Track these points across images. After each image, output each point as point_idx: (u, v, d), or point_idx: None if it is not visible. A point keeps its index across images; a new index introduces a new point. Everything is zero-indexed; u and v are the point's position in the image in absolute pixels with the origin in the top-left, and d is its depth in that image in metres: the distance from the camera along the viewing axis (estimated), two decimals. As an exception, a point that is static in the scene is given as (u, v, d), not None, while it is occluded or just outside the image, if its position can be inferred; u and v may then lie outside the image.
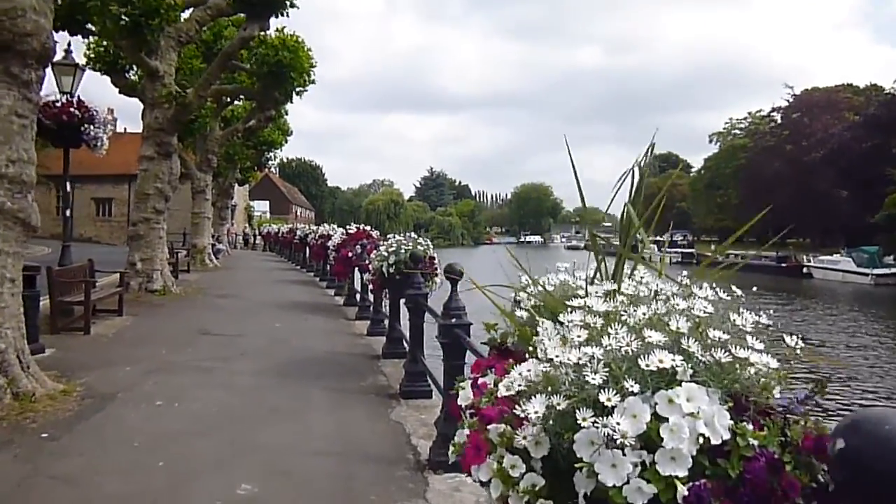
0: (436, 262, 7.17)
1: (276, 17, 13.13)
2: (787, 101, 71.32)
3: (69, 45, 10.57)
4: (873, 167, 53.45)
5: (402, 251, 6.83)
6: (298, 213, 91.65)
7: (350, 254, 12.01)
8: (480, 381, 1.88)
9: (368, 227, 12.64)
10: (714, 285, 1.59)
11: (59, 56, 10.64)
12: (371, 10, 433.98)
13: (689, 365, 1.27)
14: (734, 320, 1.39)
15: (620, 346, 1.31)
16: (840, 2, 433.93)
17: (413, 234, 7.37)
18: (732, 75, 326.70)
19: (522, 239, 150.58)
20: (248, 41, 13.49)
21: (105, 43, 18.00)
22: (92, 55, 19.18)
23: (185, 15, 13.91)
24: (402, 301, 6.97)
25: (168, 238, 29.36)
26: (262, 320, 10.93)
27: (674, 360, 1.25)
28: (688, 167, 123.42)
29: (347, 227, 13.16)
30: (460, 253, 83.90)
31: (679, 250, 70.28)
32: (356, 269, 11.99)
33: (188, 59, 19.46)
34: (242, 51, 14.96)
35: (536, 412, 1.31)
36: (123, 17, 11.28)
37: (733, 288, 1.65)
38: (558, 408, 1.30)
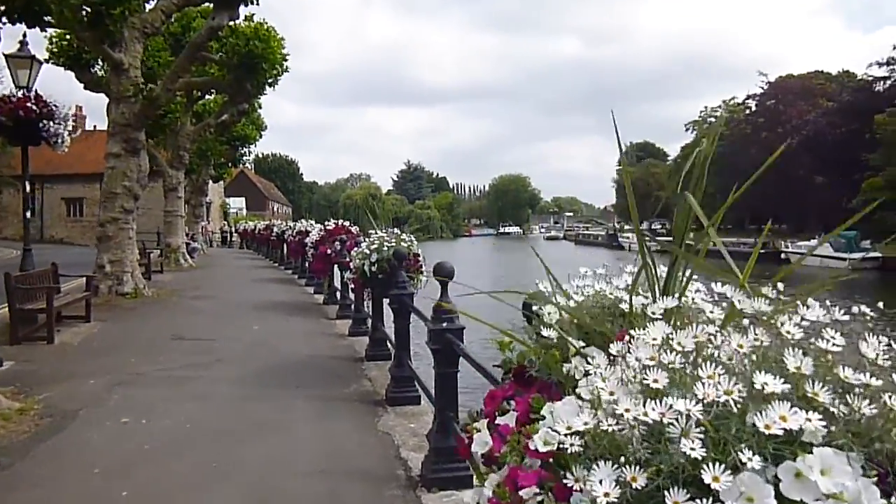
0: (420, 259, 6.78)
1: (246, 5, 12.57)
2: (762, 88, 71.80)
3: (24, 36, 9.95)
4: (849, 153, 54.01)
5: (385, 248, 6.42)
6: (275, 209, 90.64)
7: (329, 250, 11.57)
8: (500, 421, 1.50)
9: (347, 223, 12.19)
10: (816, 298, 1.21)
11: (14, 48, 10.07)
12: (346, 1, 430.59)
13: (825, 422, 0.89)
14: (864, 351, 1.01)
15: (721, 398, 0.93)
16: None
17: (396, 230, 6.96)
18: (707, 64, 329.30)
19: (501, 230, 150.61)
20: (216, 31, 12.92)
21: (68, 36, 17.30)
22: (55, 49, 18.47)
23: (151, 6, 13.34)
24: (386, 301, 6.57)
25: (141, 237, 28.62)
26: (240, 323, 10.46)
27: (808, 417, 0.87)
28: (664, 155, 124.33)
29: (325, 222, 12.71)
30: (440, 246, 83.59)
31: (659, 239, 70.65)
32: (335, 266, 11.57)
33: (157, 53, 18.80)
34: (212, 42, 14.38)
35: (607, 494, 0.92)
36: (84, 6, 10.69)
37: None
38: (633, 484, 0.92)
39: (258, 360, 7.67)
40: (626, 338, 1.19)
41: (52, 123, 9.33)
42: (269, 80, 15.82)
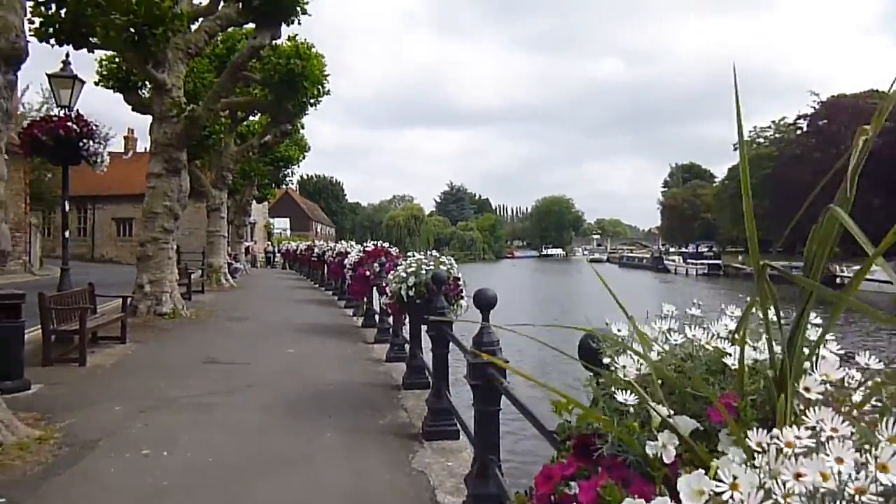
0: (461, 283, 6.39)
1: (287, 24, 12.52)
2: (814, 107, 69.84)
3: (67, 56, 10.00)
4: (907, 173, 51.92)
5: (423, 272, 6.06)
6: (319, 230, 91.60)
7: (368, 273, 11.29)
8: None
9: (387, 244, 11.89)
10: None
11: (57, 67, 10.12)
12: (385, 24, 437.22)
13: None
14: None
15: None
16: (865, 6, 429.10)
17: (435, 252, 6.59)
18: (752, 84, 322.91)
19: (544, 252, 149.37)
20: (258, 50, 12.89)
21: (117, 59, 17.62)
22: (104, 72, 18.83)
23: (198, 27, 13.40)
24: (424, 328, 6.21)
25: (185, 257, 28.91)
26: (275, 345, 10.20)
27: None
28: (711, 177, 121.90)
29: (364, 244, 12.45)
30: (483, 268, 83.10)
31: (705, 261, 68.86)
32: (374, 288, 11.27)
33: (202, 74, 19.00)
34: (254, 61, 14.39)
35: None
36: (128, 27, 10.72)
37: None
38: None
39: (290, 386, 7.36)
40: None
41: (91, 143, 9.29)
42: (311, 100, 15.76)
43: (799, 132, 72.41)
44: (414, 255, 6.44)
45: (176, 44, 12.62)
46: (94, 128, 9.35)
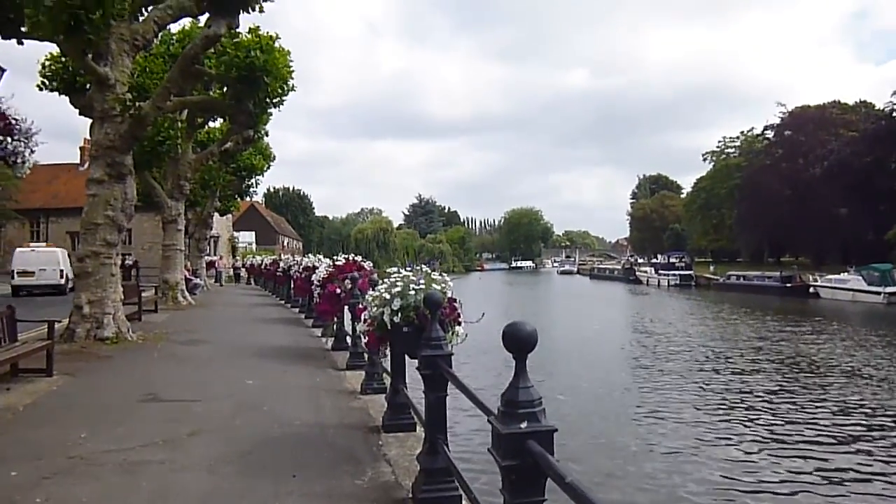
0: (458, 305, 5.13)
1: (247, 12, 11.18)
2: (781, 117, 70.34)
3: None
4: (872, 183, 52.18)
5: (412, 293, 4.78)
6: (286, 244, 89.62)
7: (338, 289, 9.97)
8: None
9: (359, 258, 10.59)
10: None
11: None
12: (354, 34, 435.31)
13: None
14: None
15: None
16: (823, 19, 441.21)
17: (425, 267, 5.32)
18: (715, 95, 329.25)
19: (514, 265, 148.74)
20: (213, 41, 11.49)
21: (62, 59, 16.11)
22: (48, 73, 17.32)
23: (147, 16, 11.98)
24: (414, 359, 4.93)
25: (144, 272, 26.98)
26: (232, 375, 8.81)
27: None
28: (678, 188, 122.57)
29: (335, 257, 11.12)
30: (455, 281, 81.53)
31: (677, 272, 68.52)
32: (346, 307, 9.95)
33: (156, 75, 17.49)
34: (211, 55, 13.00)
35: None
36: (60, 10, 9.30)
37: None
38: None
39: (246, 432, 6.00)
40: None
41: (10, 140, 7.84)
42: (273, 99, 14.34)
43: (766, 142, 72.87)
44: (399, 272, 5.15)
45: (121, 34, 11.22)
46: (14, 122, 7.93)
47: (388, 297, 4.86)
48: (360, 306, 5.54)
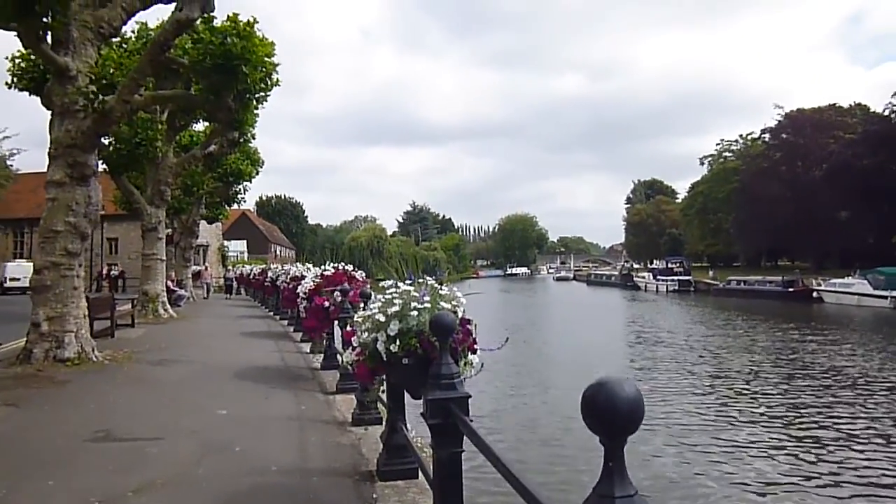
0: (472, 328, 4.00)
1: (224, -6, 10.10)
2: (778, 120, 69.59)
3: None
4: (873, 185, 51.34)
5: (414, 314, 3.64)
6: (278, 253, 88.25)
7: (327, 303, 8.83)
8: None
9: (350, 267, 9.44)
10: None
11: None
12: (348, 42, 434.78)
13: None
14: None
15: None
16: (816, 24, 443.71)
17: (430, 279, 4.18)
18: (709, 100, 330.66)
19: (509, 271, 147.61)
20: (185, 26, 10.32)
21: (32, 56, 14.96)
22: (16, 71, 16.21)
23: (114, 2, 10.83)
24: (417, 400, 3.81)
25: (130, 282, 25.65)
26: (203, 403, 7.64)
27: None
28: (673, 193, 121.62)
29: (323, 266, 9.98)
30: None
31: (676, 278, 67.46)
32: (335, 322, 8.82)
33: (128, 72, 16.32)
34: (185, 46, 11.85)
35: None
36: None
37: None
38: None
39: (210, 485, 4.83)
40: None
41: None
42: (256, 94, 13.16)
43: (764, 145, 72.09)
44: (396, 285, 4.01)
45: (84, 21, 10.06)
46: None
47: (382, 318, 3.71)
48: (349, 329, 4.39)
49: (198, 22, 11.21)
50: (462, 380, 3.45)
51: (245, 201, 29.23)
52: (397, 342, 3.67)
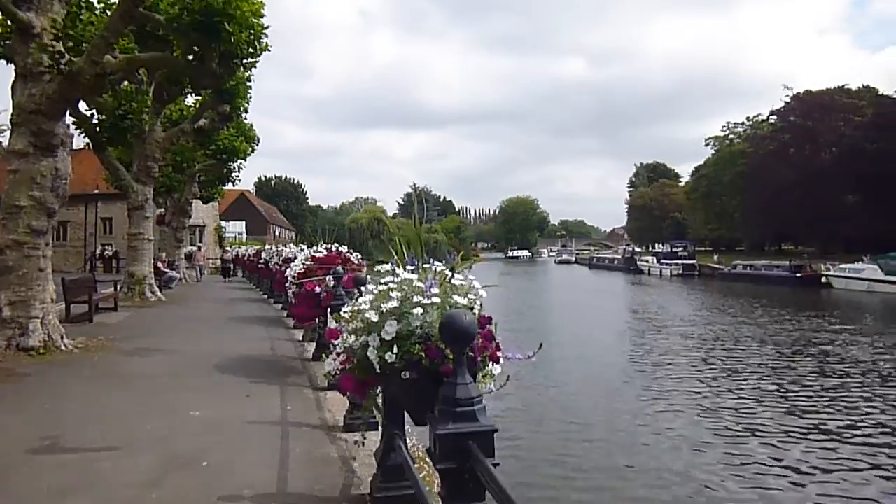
0: (493, 328, 3.05)
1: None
2: (786, 101, 68.16)
3: None
4: (885, 169, 50.14)
5: (416, 313, 2.68)
6: (277, 234, 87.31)
7: (318, 289, 7.87)
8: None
9: (344, 248, 8.46)
10: None
11: None
12: (349, 24, 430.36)
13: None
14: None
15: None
16: (822, 7, 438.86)
17: (438, 264, 3.20)
18: (713, 84, 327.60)
19: (510, 254, 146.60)
20: (161, -22, 9.34)
21: (8, 22, 13.88)
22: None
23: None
24: (421, 426, 2.87)
25: (124, 262, 24.70)
26: (175, 402, 6.70)
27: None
28: (676, 176, 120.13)
29: (315, 247, 9.01)
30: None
31: (680, 262, 66.48)
32: (328, 310, 7.85)
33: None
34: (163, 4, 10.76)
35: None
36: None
37: None
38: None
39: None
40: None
41: None
42: (243, 59, 12.05)
43: (772, 127, 70.72)
44: (395, 271, 3.05)
45: (49, -27, 9.03)
46: None
47: (374, 317, 2.74)
48: (332, 326, 3.41)
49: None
50: (484, 405, 2.50)
51: (240, 180, 28.17)
52: (394, 349, 2.70)
